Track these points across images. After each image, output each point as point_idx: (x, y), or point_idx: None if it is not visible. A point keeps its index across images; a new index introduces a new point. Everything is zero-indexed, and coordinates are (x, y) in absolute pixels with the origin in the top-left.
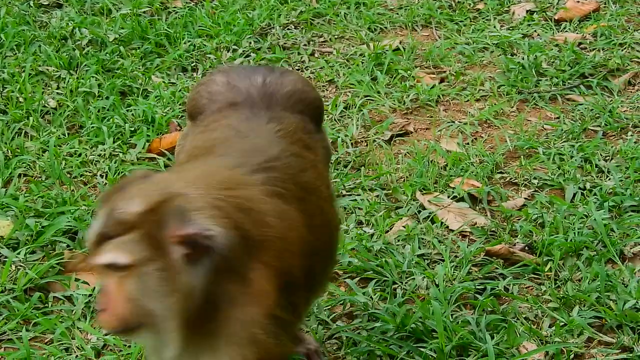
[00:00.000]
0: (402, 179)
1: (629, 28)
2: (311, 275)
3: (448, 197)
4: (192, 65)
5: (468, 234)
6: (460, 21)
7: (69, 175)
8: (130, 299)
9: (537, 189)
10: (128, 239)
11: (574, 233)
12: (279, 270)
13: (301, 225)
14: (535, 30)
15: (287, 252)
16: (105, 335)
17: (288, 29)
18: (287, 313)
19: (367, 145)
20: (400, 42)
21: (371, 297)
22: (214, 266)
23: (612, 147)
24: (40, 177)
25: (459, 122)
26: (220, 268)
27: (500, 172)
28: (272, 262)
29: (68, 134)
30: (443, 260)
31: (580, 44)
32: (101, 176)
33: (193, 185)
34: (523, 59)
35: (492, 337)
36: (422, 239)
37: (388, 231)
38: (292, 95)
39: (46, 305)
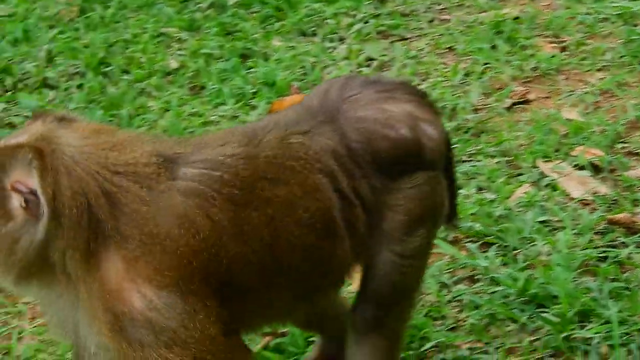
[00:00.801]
0: (523, 147)
1: None
2: (241, 292)
3: (569, 165)
4: (312, 30)
5: (589, 202)
6: None
7: (190, 135)
8: None
9: None
10: None
11: None
12: (145, 268)
13: (213, 232)
14: None
15: (165, 254)
16: None
17: None
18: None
19: (487, 112)
20: (520, 11)
21: (492, 262)
22: (49, 233)
23: None
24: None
25: (580, 91)
26: (59, 237)
27: (622, 142)
28: (136, 258)
29: (189, 94)
30: (564, 228)
31: None
32: None
33: (82, 146)
34: None
35: (615, 305)
36: (543, 206)
37: (509, 197)
38: (359, 125)
39: None
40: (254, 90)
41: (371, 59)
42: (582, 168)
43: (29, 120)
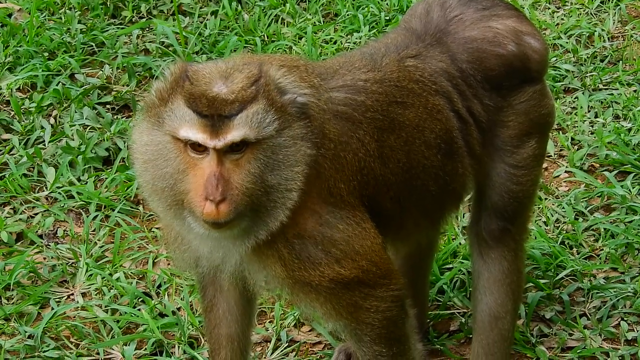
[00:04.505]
0: None
1: None
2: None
3: None
4: None
5: None
6: None
7: None
8: (252, 179)
9: None
10: (252, 113)
11: None
12: (315, 185)
13: (364, 154)
14: None
15: (332, 170)
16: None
17: None
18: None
19: (624, 40)
20: None
21: (629, 190)
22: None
23: None
24: None
25: None
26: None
27: None
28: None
29: (323, 21)
30: None
31: None
32: None
33: (284, 67)
34: None
35: None
36: None
37: None
38: (469, 45)
39: None
40: (387, 18)
41: None
42: None
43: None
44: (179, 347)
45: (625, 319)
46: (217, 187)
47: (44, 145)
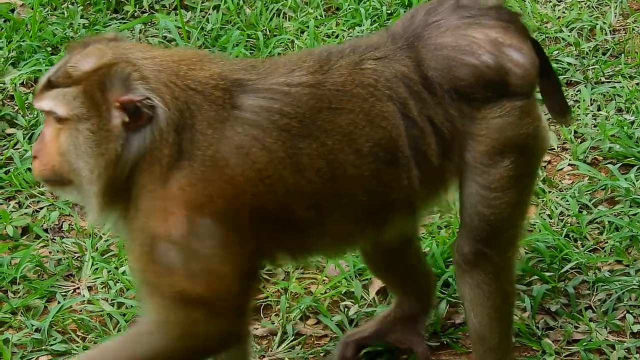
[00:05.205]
0: None
1: None
2: (293, 222)
3: None
4: None
5: None
6: None
7: None
8: (61, 152)
9: None
10: (69, 92)
11: None
12: (199, 192)
13: (269, 163)
14: None
15: (219, 181)
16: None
17: None
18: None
19: (626, 33)
20: None
21: (633, 183)
22: (146, 141)
23: None
24: None
25: None
26: (149, 148)
27: None
28: (195, 180)
29: (325, 15)
30: None
31: None
32: None
33: (153, 58)
34: None
35: None
36: None
37: None
38: (439, 52)
39: None
40: (389, 11)
41: None
42: None
43: (78, 46)
44: None
45: (630, 311)
46: (37, 144)
47: None
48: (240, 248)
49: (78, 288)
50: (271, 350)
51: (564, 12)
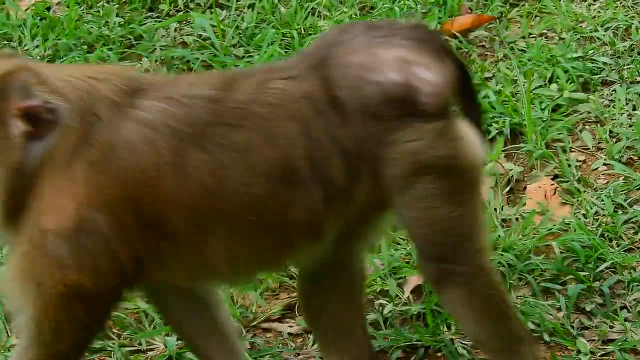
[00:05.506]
0: None
1: None
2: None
3: None
4: None
5: None
6: None
7: None
8: None
9: None
10: None
11: None
12: (90, 186)
13: (155, 165)
14: None
15: (108, 174)
16: None
17: None
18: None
19: None
20: None
21: None
22: (50, 145)
23: None
24: None
25: None
26: (53, 148)
27: None
28: (89, 169)
29: (360, 14)
30: None
31: None
32: None
33: (54, 68)
34: None
35: None
36: None
37: None
38: (347, 70)
39: None
40: (424, 10)
41: None
42: None
43: None
44: None
45: None
46: None
47: None
48: (124, 250)
49: None
50: (305, 349)
51: (599, 12)
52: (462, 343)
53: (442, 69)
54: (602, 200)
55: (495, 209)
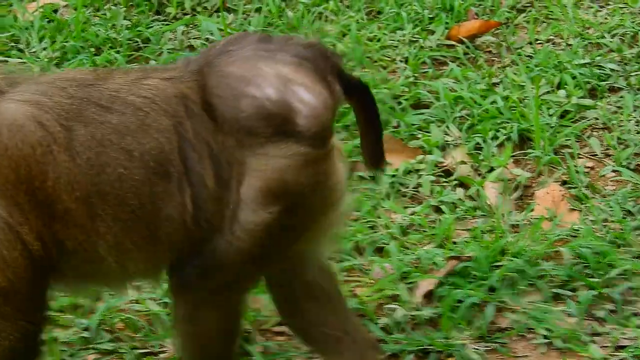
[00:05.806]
0: None
1: None
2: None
3: None
4: None
5: None
6: None
7: (369, 60)
8: None
9: None
10: None
11: None
12: None
13: (43, 140)
14: None
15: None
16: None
17: None
18: None
19: None
20: None
21: None
22: None
23: None
24: None
25: None
26: None
27: None
28: None
29: (366, 18)
30: None
31: None
32: (400, 61)
33: None
34: None
35: None
36: None
37: None
38: (224, 80)
39: None
40: (431, 16)
41: None
42: None
43: None
44: None
45: None
46: None
47: None
48: (26, 230)
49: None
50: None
51: (606, 18)
52: (474, 348)
53: (323, 92)
54: (611, 206)
55: (504, 215)
